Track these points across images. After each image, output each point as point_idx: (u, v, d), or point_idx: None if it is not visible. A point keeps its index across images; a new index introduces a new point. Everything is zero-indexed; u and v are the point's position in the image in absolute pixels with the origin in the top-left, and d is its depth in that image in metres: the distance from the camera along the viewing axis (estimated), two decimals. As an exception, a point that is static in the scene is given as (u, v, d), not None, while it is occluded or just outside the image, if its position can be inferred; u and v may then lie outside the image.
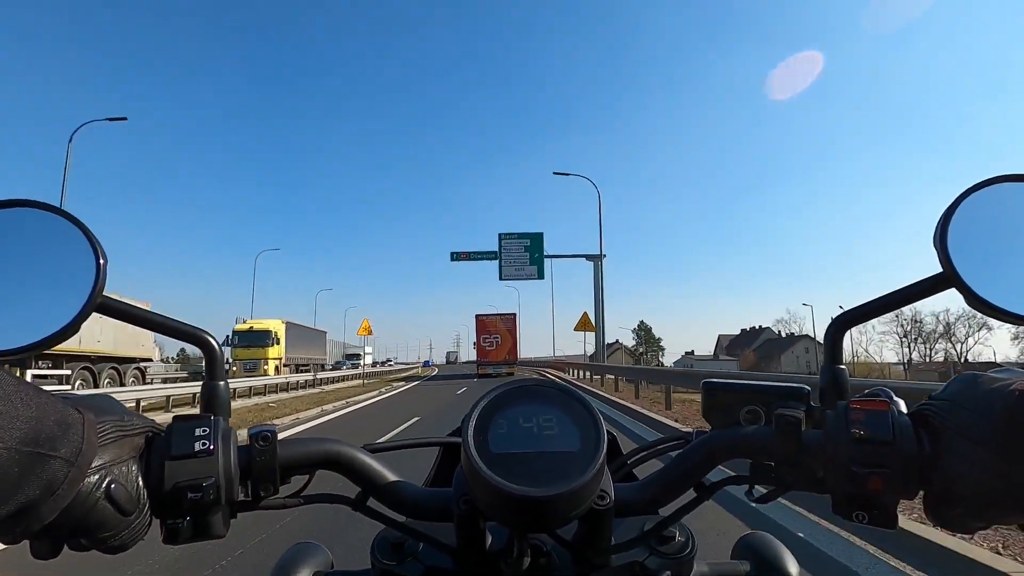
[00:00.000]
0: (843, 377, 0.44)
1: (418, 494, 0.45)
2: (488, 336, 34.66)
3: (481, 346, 34.65)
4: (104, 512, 0.34)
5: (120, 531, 0.35)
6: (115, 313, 0.43)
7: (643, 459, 0.52)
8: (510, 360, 33.92)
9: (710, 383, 0.47)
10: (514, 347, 34.59)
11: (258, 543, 3.41)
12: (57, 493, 0.31)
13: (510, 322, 35.15)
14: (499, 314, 35.77)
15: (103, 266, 0.41)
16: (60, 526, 0.33)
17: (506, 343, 34.58)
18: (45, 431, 0.31)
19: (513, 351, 34.52)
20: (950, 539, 2.99)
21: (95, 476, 0.34)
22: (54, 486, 0.31)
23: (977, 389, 0.36)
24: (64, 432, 0.32)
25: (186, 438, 0.38)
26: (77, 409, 0.34)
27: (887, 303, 0.44)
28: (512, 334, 34.74)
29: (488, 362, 33.55)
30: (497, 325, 34.99)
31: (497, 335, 34.69)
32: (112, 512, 0.34)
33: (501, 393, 0.42)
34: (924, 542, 3.01)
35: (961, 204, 0.41)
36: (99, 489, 0.34)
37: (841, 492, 0.39)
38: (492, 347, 34.42)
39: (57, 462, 0.31)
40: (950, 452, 0.36)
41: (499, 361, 33.56)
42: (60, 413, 0.32)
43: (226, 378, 0.45)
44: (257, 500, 0.42)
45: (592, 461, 0.38)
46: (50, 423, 0.31)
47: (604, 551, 0.43)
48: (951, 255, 0.40)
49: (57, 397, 0.34)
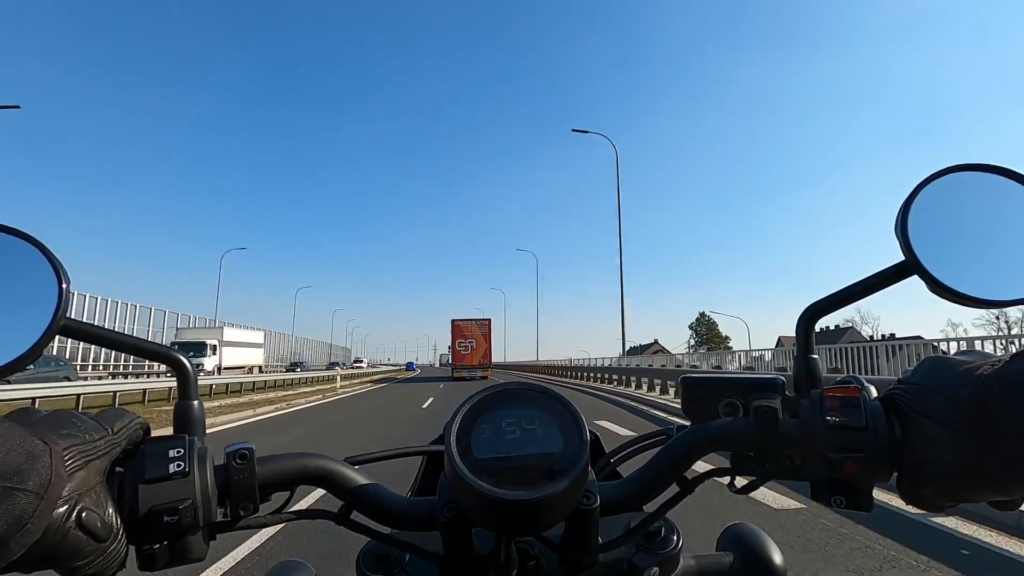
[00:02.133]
0: (815, 366, 0.45)
1: (402, 504, 0.45)
2: (463, 340, 35.03)
3: (456, 350, 35.01)
4: (77, 541, 0.33)
5: (95, 559, 0.34)
6: (80, 335, 0.41)
7: (626, 457, 0.53)
8: (484, 364, 34.33)
9: (689, 378, 0.47)
10: (488, 351, 35.05)
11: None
12: (27, 527, 0.30)
13: (485, 327, 35.59)
14: (474, 319, 36.22)
15: (66, 289, 0.39)
16: (31, 559, 0.32)
17: (480, 347, 35.01)
18: (11, 464, 0.29)
19: (487, 355, 34.96)
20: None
21: (65, 506, 0.32)
22: (23, 520, 0.30)
23: (944, 372, 0.37)
24: (31, 464, 0.30)
25: (160, 460, 0.37)
26: (43, 440, 0.33)
27: (852, 293, 0.45)
28: (487, 339, 35.19)
29: (463, 365, 34.01)
30: (472, 330, 35.36)
31: (472, 339, 35.09)
32: (86, 540, 0.33)
33: (483, 397, 0.42)
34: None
35: (920, 194, 0.43)
36: (70, 519, 0.32)
37: (819, 478, 0.40)
38: (467, 351, 34.81)
39: (25, 495, 0.30)
40: (920, 434, 0.37)
41: (474, 365, 34.03)
42: (26, 444, 0.31)
43: (199, 397, 0.44)
44: (236, 520, 0.40)
45: (576, 461, 0.38)
46: (16, 456, 0.30)
47: (591, 551, 0.44)
48: (912, 243, 0.41)
49: (21, 428, 0.32)
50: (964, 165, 0.43)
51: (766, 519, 3.92)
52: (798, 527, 3.72)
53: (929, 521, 3.77)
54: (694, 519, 3.70)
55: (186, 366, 0.44)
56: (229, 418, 11.61)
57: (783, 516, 4.01)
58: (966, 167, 0.43)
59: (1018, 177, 0.42)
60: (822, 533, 3.58)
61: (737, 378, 0.46)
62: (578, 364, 32.37)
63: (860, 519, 3.69)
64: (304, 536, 3.66)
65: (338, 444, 8.01)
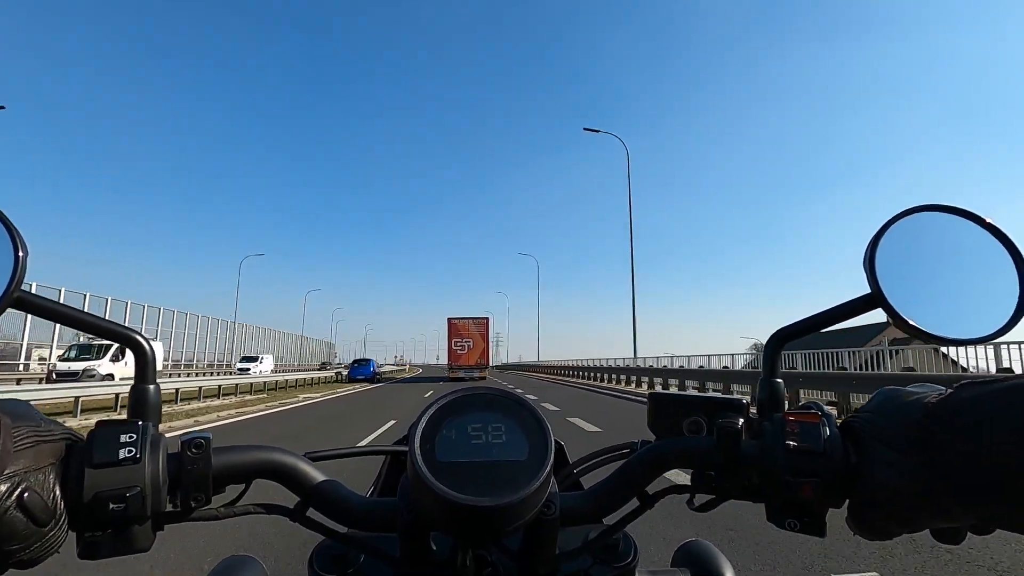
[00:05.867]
0: (780, 390, 0.46)
1: (362, 504, 0.44)
2: (460, 340, 34.68)
3: (453, 350, 34.57)
4: (15, 522, 0.32)
5: (32, 543, 0.33)
6: (34, 309, 0.40)
7: (589, 468, 0.53)
8: (482, 364, 33.96)
9: (656, 395, 0.48)
10: (486, 351, 34.68)
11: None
12: None
13: (482, 326, 35.19)
14: (471, 318, 35.74)
15: (23, 258, 0.38)
16: None
17: (478, 347, 34.64)
18: None
19: (485, 355, 34.59)
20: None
21: (7, 484, 0.32)
22: None
23: (896, 402, 0.38)
24: None
25: (110, 445, 0.36)
26: None
27: (819, 320, 0.46)
28: (484, 338, 34.82)
29: (460, 366, 33.59)
30: (469, 329, 34.99)
31: (469, 339, 34.74)
32: (24, 522, 0.32)
33: (450, 401, 0.42)
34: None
35: (888, 230, 0.44)
36: (10, 497, 0.32)
37: (775, 500, 0.40)
38: (464, 351, 34.46)
39: None
40: (872, 461, 0.38)
41: (471, 365, 33.63)
42: None
43: (156, 382, 0.43)
44: (187, 511, 0.40)
45: (539, 470, 0.38)
46: None
47: (549, 561, 0.43)
48: (878, 277, 0.43)
49: None
50: (932, 206, 0.45)
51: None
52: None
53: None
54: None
55: (146, 349, 0.43)
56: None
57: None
58: (934, 207, 0.45)
59: (980, 221, 0.44)
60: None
61: (703, 397, 0.46)
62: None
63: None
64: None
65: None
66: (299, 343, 59.88)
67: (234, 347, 39.97)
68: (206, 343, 36.25)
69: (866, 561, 2.96)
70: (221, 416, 11.96)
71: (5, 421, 0.32)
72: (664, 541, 3.19)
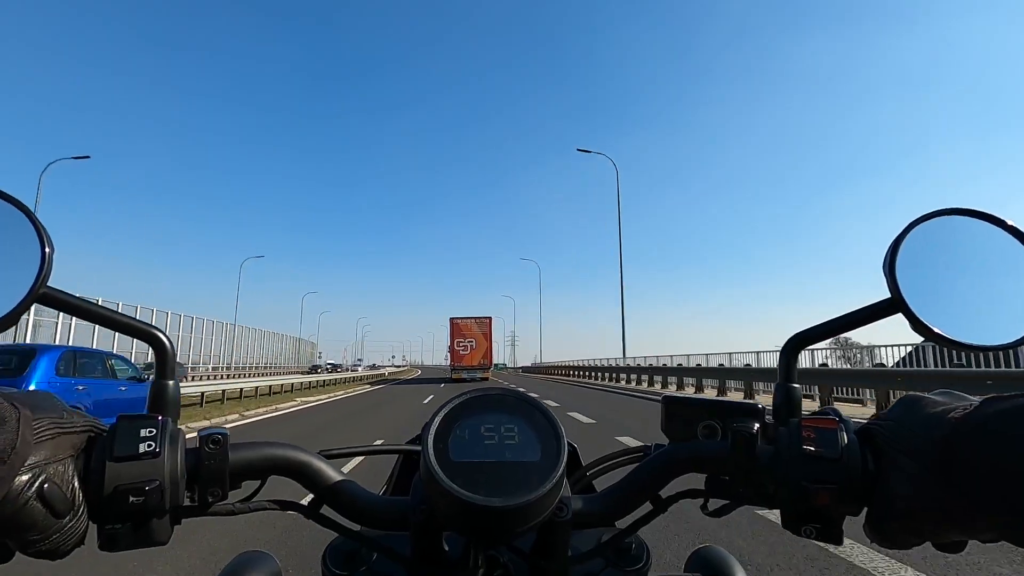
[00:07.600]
0: (796, 395, 0.45)
1: (375, 502, 0.44)
2: (463, 340, 34.38)
3: (455, 350, 34.26)
4: (35, 513, 0.32)
5: (51, 534, 0.33)
6: (59, 305, 0.40)
7: (602, 471, 0.52)
8: (485, 364, 33.65)
9: (669, 398, 0.48)
10: (489, 351, 34.31)
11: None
12: None
13: (485, 326, 34.82)
14: (474, 318, 35.39)
15: (49, 255, 0.38)
16: None
17: (481, 347, 34.30)
18: None
19: (488, 355, 34.25)
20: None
21: (27, 474, 0.32)
22: None
23: (920, 412, 0.38)
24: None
25: (130, 438, 0.37)
26: (12, 404, 0.32)
27: (838, 325, 0.45)
28: (487, 338, 34.45)
29: (462, 366, 33.24)
30: (472, 329, 34.69)
31: (472, 339, 34.42)
32: (44, 513, 0.32)
33: (463, 401, 0.42)
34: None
35: (909, 234, 0.43)
36: (31, 488, 0.32)
37: (791, 507, 0.40)
38: (466, 351, 34.13)
39: None
40: (892, 470, 0.37)
41: (473, 366, 33.28)
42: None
43: (176, 378, 0.44)
44: (204, 506, 0.40)
45: (552, 472, 0.38)
46: None
47: (561, 563, 0.43)
48: (899, 282, 0.42)
49: None
50: (952, 209, 0.44)
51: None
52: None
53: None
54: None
55: (166, 345, 0.43)
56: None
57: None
58: (954, 211, 0.44)
59: (1005, 226, 0.43)
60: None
61: (718, 401, 0.46)
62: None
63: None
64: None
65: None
66: (278, 342, 54.00)
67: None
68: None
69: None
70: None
71: (25, 412, 0.33)
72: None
